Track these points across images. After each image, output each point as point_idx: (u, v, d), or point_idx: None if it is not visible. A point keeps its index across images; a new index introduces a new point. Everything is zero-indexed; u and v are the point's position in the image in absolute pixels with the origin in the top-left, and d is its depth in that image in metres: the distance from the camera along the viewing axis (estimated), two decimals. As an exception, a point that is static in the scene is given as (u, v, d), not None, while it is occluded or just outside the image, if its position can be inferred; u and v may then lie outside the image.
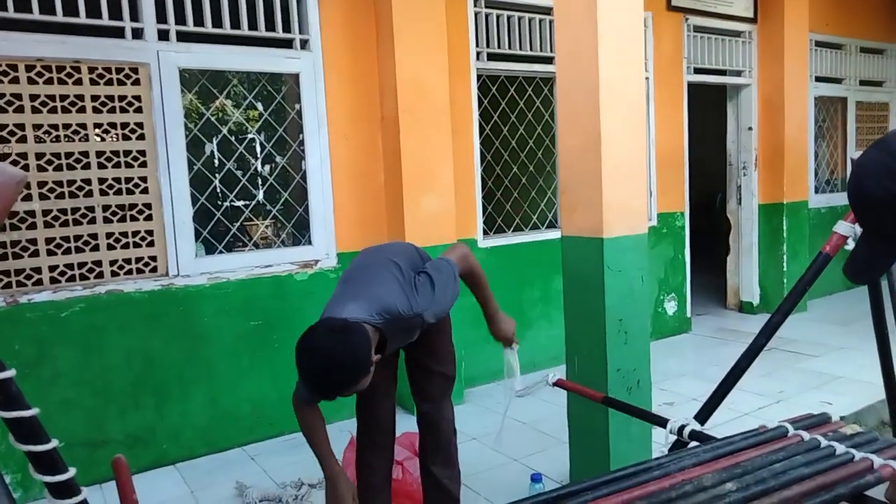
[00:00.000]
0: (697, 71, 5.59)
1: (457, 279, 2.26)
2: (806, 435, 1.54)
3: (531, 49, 4.58)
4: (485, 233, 4.62)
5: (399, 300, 2.08)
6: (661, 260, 5.51)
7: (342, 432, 3.52)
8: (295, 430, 3.82)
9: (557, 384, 2.09)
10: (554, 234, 4.79)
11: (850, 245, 1.60)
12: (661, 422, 1.78)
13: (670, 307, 5.61)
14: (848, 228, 1.61)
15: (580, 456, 2.88)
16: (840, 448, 1.49)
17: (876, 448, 1.49)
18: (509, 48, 4.51)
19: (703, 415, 1.78)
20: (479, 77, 4.46)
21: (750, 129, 6.01)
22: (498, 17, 4.46)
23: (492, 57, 4.47)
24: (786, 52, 5.76)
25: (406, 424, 3.04)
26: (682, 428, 1.75)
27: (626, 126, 2.65)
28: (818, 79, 6.56)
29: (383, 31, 3.92)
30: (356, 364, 1.87)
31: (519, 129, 4.90)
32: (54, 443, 0.85)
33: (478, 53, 4.40)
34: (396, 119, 3.87)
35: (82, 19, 3.16)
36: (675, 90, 5.43)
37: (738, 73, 5.94)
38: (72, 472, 0.90)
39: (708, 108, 7.24)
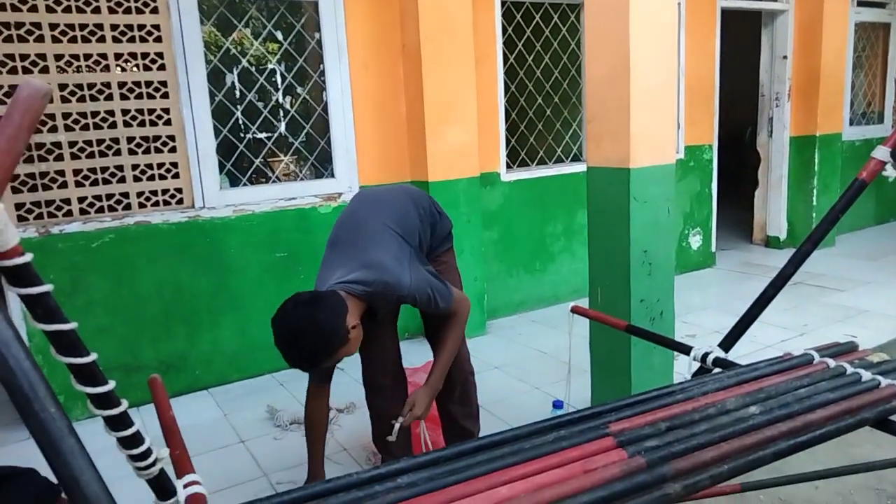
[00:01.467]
0: (733, -5, 5.34)
1: (448, 303, 2.16)
2: (831, 362, 1.54)
3: (558, -27, 4.40)
4: (508, 166, 4.57)
5: (391, 271, 1.99)
6: (688, 194, 5.42)
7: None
8: (267, 371, 3.92)
9: (576, 311, 2.09)
10: (578, 168, 4.72)
11: (889, 171, 1.55)
12: (685, 349, 1.79)
13: (695, 241, 5.56)
14: (886, 153, 1.55)
15: (602, 384, 2.92)
16: (866, 375, 1.48)
17: (903, 374, 1.48)
18: (535, -28, 4.34)
19: (728, 342, 1.78)
20: (503, 3, 4.31)
21: (784, 57, 5.77)
22: (524, -62, 4.27)
23: (517, -19, 4.31)
24: (827, -26, 5.46)
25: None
26: (705, 355, 1.75)
27: (656, 52, 2.55)
28: (860, 3, 6.23)
29: (405, -44, 3.78)
30: (328, 336, 1.83)
31: (544, 59, 4.76)
32: (93, 356, 0.88)
33: (502, -22, 4.24)
34: (418, 48, 3.78)
35: (98, -56, 3.09)
36: (707, 17, 5.20)
37: (775, -2, 5.66)
38: (111, 384, 0.93)
39: (741, 37, 6.94)
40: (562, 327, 4.22)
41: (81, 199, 3.26)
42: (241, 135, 3.73)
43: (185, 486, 1.12)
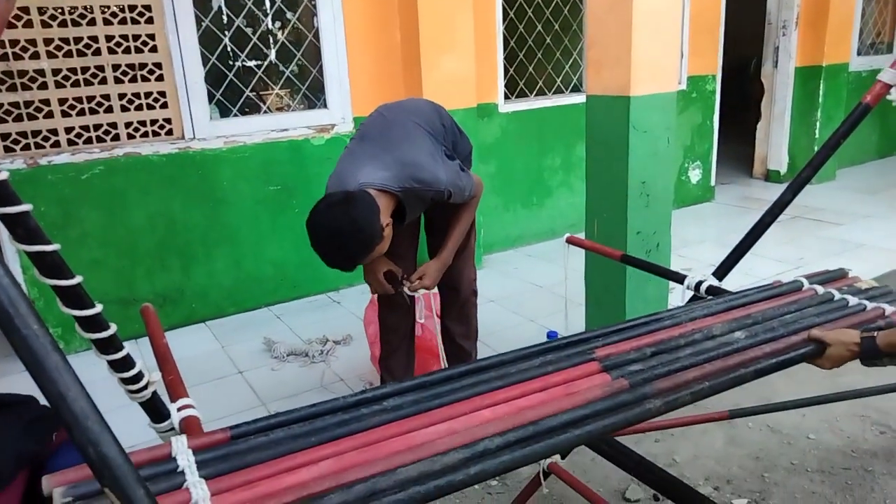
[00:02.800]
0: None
1: (472, 191, 2.23)
2: (820, 289, 1.54)
3: None
4: (506, 97, 4.47)
5: (428, 168, 2.00)
6: (688, 126, 5.33)
7: (363, 294, 3.63)
8: (318, 291, 3.96)
9: (571, 241, 2.08)
10: (578, 99, 4.62)
11: (894, 95, 1.50)
12: (679, 278, 1.78)
13: (694, 175, 5.51)
14: (893, 75, 1.50)
15: (596, 315, 2.94)
16: (853, 300, 1.49)
17: (890, 300, 1.48)
18: None
19: (722, 271, 1.78)
20: (501, -78, 4.12)
21: (794, -18, 5.57)
22: None
23: None
24: None
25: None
26: (699, 284, 1.75)
27: (661, -29, 2.44)
28: (875, -75, 5.99)
29: None
30: (366, 233, 1.86)
31: (544, -17, 4.58)
32: (79, 278, 0.86)
33: None
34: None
35: None
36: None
37: (788, -82, 5.41)
38: (98, 307, 0.92)
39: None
40: (558, 261, 4.23)
41: (69, 130, 3.18)
42: (230, 63, 3.62)
43: (179, 409, 1.13)
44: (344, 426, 1.01)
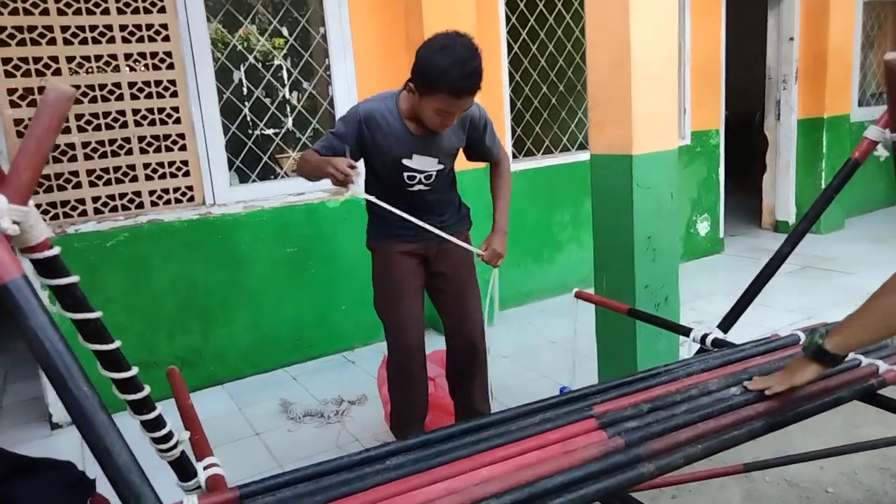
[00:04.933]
0: (737, -22, 5.33)
1: (499, 147, 2.46)
2: (819, 342, 1.58)
3: (560, -38, 4.41)
4: (514, 156, 4.60)
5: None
6: (694, 180, 5.43)
7: (378, 353, 3.67)
8: (333, 351, 4.01)
9: (580, 296, 2.14)
10: (584, 156, 4.73)
11: (880, 151, 1.57)
12: (685, 331, 1.83)
13: (703, 228, 5.57)
14: (878, 133, 1.58)
15: (608, 369, 2.96)
16: (850, 354, 1.52)
17: (885, 354, 1.52)
18: (537, -38, 4.35)
19: (727, 323, 1.82)
20: (505, -6, 4.34)
21: (791, 39, 5.74)
22: (525, -72, 4.29)
23: (519, -28, 4.33)
24: (834, -45, 5.43)
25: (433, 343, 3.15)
26: (704, 336, 1.79)
27: (656, 37, 2.57)
28: (868, -18, 6.20)
29: (408, -49, 3.82)
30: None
31: (548, 47, 4.78)
32: (117, 343, 0.94)
33: (504, -31, 4.26)
34: (422, 41, 3.80)
35: (105, -53, 3.15)
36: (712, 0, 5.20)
37: (781, -20, 5.64)
38: (135, 370, 0.99)
39: (749, 19, 6.91)
40: (570, 316, 4.25)
41: (95, 199, 3.33)
42: (250, 131, 3.79)
43: (205, 468, 1.18)
44: (347, 485, 1.06)
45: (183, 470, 1.15)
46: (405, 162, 2.21)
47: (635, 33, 2.50)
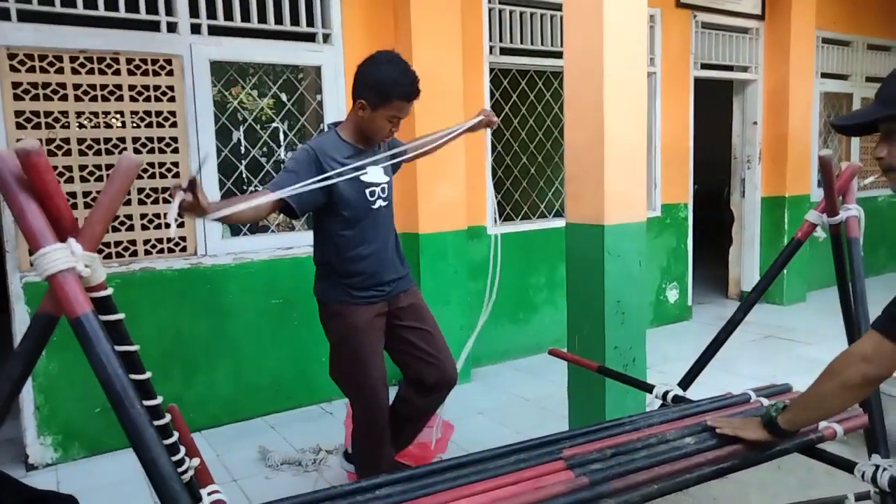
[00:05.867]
0: (704, 66, 5.75)
1: None
2: (765, 401, 1.76)
3: (542, 44, 4.76)
4: (494, 221, 4.83)
5: None
6: (664, 249, 5.70)
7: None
8: (312, 402, 4.08)
9: (553, 353, 2.30)
10: (560, 223, 4.99)
11: (819, 233, 1.80)
12: (648, 388, 2.00)
13: (672, 295, 5.81)
14: (817, 216, 1.80)
15: (578, 423, 3.09)
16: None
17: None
18: (521, 43, 4.70)
19: (686, 382, 2.00)
20: (491, 70, 4.66)
21: (755, 123, 6.17)
22: (511, 12, 4.64)
23: (504, 51, 4.66)
24: (792, 48, 5.90)
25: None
26: (666, 393, 1.96)
27: (628, 121, 2.84)
28: (824, 75, 6.69)
29: (401, 27, 4.12)
30: None
31: (529, 121, 5.09)
32: (149, 374, 1.08)
33: (490, 48, 4.59)
34: (412, 111, 4.06)
35: (121, 13, 3.38)
36: (681, 85, 5.60)
37: (745, 69, 6.09)
38: (160, 399, 1.13)
39: (717, 102, 7.38)
40: (544, 375, 4.41)
41: (92, 245, 3.45)
42: (244, 188, 3.97)
43: (210, 493, 1.30)
44: None
45: (192, 494, 1.27)
46: (363, 178, 2.33)
47: (609, 116, 2.76)
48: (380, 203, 2.43)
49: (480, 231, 4.70)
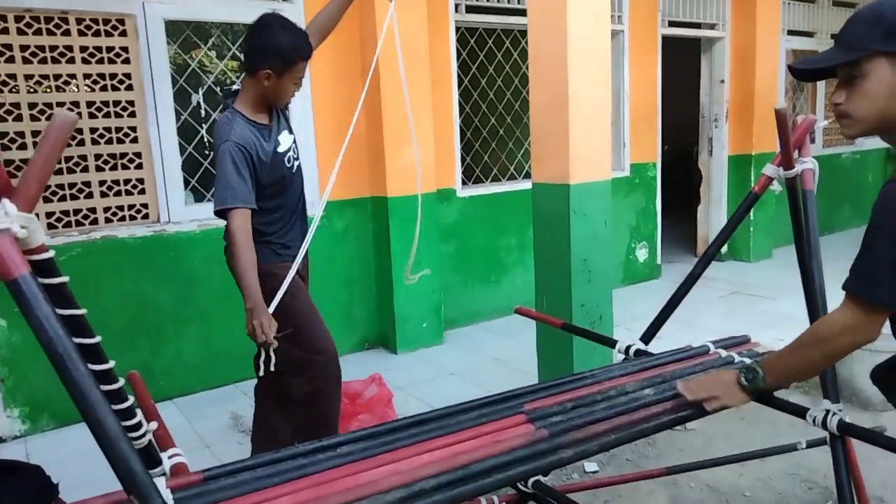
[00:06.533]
0: (672, 24, 5.72)
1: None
2: (723, 352, 1.80)
3: (509, 2, 4.68)
4: (463, 183, 4.81)
5: None
6: (633, 209, 5.75)
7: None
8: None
9: (519, 311, 2.32)
10: (529, 185, 4.99)
11: (775, 186, 1.82)
12: (611, 343, 2.03)
13: (641, 254, 5.88)
14: (773, 170, 1.82)
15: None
16: (750, 362, 1.74)
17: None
18: (487, 1, 4.61)
19: (647, 336, 2.03)
20: (457, 29, 4.58)
21: (722, 82, 6.18)
22: (477, -32, 4.56)
23: (470, 9, 4.58)
24: (758, 5, 5.89)
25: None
26: (628, 348, 1.99)
27: (592, 81, 2.83)
28: (790, 32, 6.72)
29: (365, -16, 4.01)
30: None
31: (497, 82, 5.04)
32: (98, 338, 1.06)
33: (456, 6, 4.50)
34: (377, 71, 3.99)
35: (68, -30, 3.24)
36: (649, 43, 5.57)
37: (712, 27, 6.08)
38: (112, 363, 1.11)
39: (686, 60, 7.38)
40: (516, 335, 4.45)
41: (49, 214, 3.36)
42: (207, 152, 3.88)
43: (170, 457, 1.29)
44: (302, 469, 1.20)
45: (150, 458, 1.26)
46: (278, 149, 2.34)
47: (573, 74, 2.74)
48: (295, 164, 2.46)
49: (450, 194, 4.68)
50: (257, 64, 2.18)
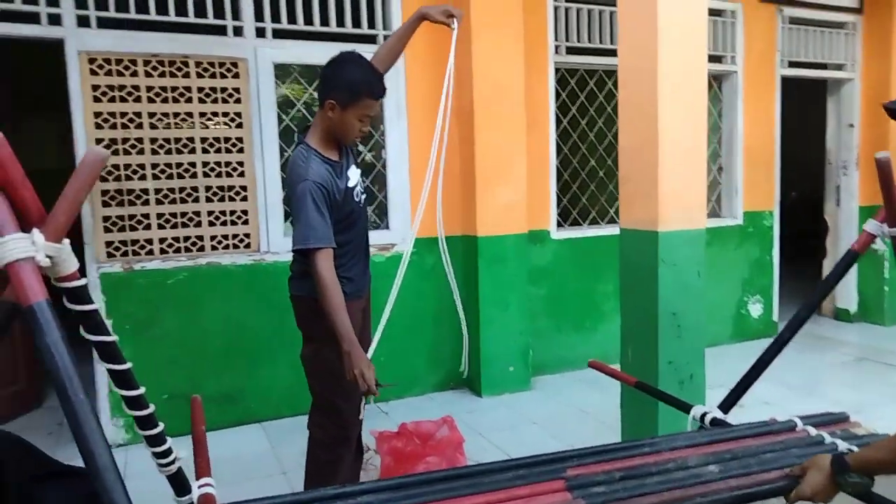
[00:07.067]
0: (793, 65, 5.36)
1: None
2: (812, 431, 1.59)
3: (612, 42, 4.59)
4: (559, 224, 4.70)
5: None
6: (746, 260, 5.36)
7: (412, 408, 3.74)
8: (369, 402, 4.10)
9: (592, 365, 2.19)
10: (630, 229, 4.80)
11: (879, 244, 1.61)
12: (685, 407, 1.86)
13: (755, 310, 5.45)
14: (876, 227, 1.61)
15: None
16: (842, 445, 1.52)
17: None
18: (589, 42, 4.55)
19: (727, 405, 1.84)
20: (557, 70, 4.54)
21: (851, 126, 5.69)
22: (578, 10, 4.51)
23: (571, 51, 4.53)
24: (894, 44, 5.40)
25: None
26: (704, 415, 1.81)
27: (685, 122, 2.68)
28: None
29: (461, 27, 4.07)
30: None
31: (598, 123, 4.93)
32: (129, 364, 1.09)
33: (556, 47, 4.48)
34: (472, 112, 4.03)
35: (191, 19, 3.55)
36: (766, 85, 5.24)
37: (840, 67, 5.63)
38: (142, 389, 1.14)
39: (811, 102, 6.88)
40: (608, 388, 4.22)
41: (162, 240, 3.63)
42: (306, 187, 4.06)
43: (200, 486, 1.31)
44: None
45: (180, 486, 1.29)
46: (349, 184, 2.35)
47: (663, 117, 2.61)
48: (362, 198, 2.47)
49: (543, 235, 4.58)
50: (324, 95, 2.22)
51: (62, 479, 1.68)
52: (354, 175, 2.40)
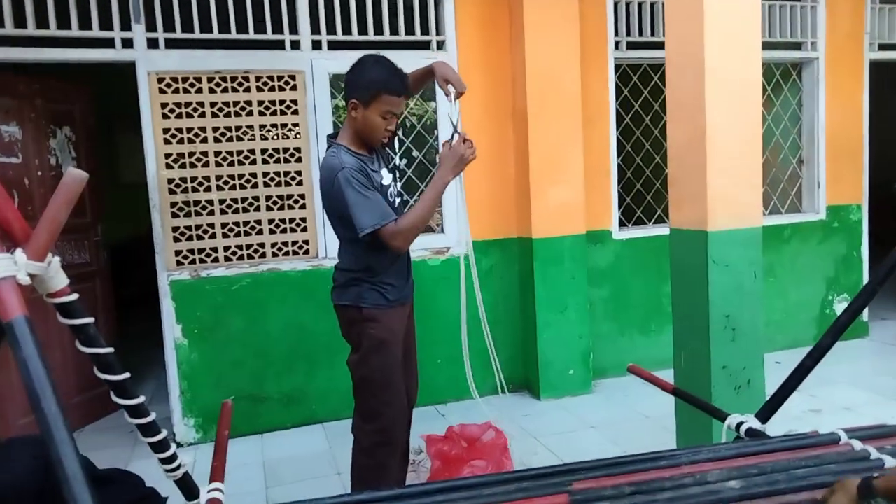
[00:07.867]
0: (883, 47, 4.95)
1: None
2: (858, 445, 1.46)
3: (676, 34, 4.40)
4: (622, 224, 4.56)
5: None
6: (831, 257, 5.00)
7: (468, 409, 3.72)
8: (426, 403, 4.14)
9: (631, 370, 2.11)
10: (698, 227, 4.58)
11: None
12: (720, 416, 1.76)
13: (841, 309, 5.06)
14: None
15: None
16: (890, 461, 1.39)
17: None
18: (652, 35, 4.39)
19: (765, 413, 1.72)
20: (618, 66, 4.41)
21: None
22: (640, 4, 4.36)
23: (632, 46, 4.39)
24: None
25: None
26: (739, 424, 1.71)
27: (736, 116, 2.54)
28: None
29: (515, 25, 4.05)
30: None
31: (663, 118, 4.73)
32: (126, 375, 1.16)
33: (616, 43, 4.35)
34: (525, 112, 3.98)
35: (251, 35, 3.70)
36: (853, 70, 4.87)
37: (940, 46, 5.15)
38: (142, 398, 1.21)
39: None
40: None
41: (226, 248, 3.81)
42: (363, 193, 4.14)
43: (209, 491, 1.37)
44: None
45: (188, 491, 1.34)
46: (383, 182, 2.35)
47: (711, 111, 2.49)
48: (397, 200, 2.47)
49: (604, 235, 4.46)
50: (348, 96, 2.26)
51: (105, 483, 1.79)
52: (387, 177, 2.42)
